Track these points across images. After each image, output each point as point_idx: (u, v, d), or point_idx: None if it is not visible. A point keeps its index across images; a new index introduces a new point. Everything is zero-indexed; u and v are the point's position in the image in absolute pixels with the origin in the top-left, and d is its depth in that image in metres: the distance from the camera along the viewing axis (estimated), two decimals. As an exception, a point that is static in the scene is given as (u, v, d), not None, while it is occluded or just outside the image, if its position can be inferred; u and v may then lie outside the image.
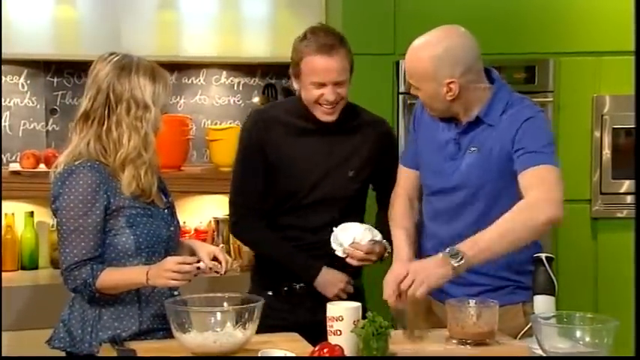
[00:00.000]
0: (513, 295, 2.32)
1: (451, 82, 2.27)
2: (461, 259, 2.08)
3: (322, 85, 2.48)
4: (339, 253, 2.46)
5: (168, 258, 2.17)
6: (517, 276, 2.34)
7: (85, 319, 2.24)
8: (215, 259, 2.28)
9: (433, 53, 2.27)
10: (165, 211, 2.32)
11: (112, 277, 2.18)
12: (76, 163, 2.20)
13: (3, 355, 3.01)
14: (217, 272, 2.27)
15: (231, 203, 2.63)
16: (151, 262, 2.23)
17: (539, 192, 2.17)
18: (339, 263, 2.48)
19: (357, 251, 2.45)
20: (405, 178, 2.49)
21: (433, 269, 2.10)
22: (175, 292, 2.27)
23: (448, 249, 2.10)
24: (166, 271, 2.13)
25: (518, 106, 2.34)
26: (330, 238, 2.45)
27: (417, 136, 2.46)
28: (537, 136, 2.28)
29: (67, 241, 2.19)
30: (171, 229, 2.32)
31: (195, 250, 2.34)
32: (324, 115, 2.52)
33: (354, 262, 2.46)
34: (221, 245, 3.34)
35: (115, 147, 2.22)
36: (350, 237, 2.45)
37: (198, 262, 2.18)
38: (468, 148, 2.32)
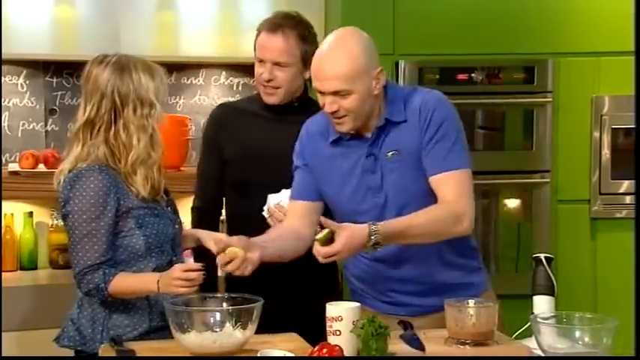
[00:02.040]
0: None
1: (379, 72, 2.21)
2: (377, 244, 2.10)
3: (261, 61, 2.50)
4: (265, 213, 2.47)
5: (176, 266, 2.16)
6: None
7: (95, 319, 2.24)
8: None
9: (361, 44, 2.19)
10: (168, 208, 2.33)
11: (124, 284, 2.18)
12: (84, 166, 2.20)
13: (3, 355, 3.01)
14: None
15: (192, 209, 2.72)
16: (160, 261, 2.24)
17: (462, 206, 2.19)
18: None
19: (277, 212, 2.43)
20: (299, 212, 2.32)
21: (353, 252, 2.13)
22: None
23: (374, 234, 2.09)
24: (174, 280, 2.13)
25: (417, 95, 2.28)
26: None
27: (313, 167, 2.32)
28: (446, 132, 2.23)
29: (80, 245, 2.18)
30: (176, 226, 2.33)
31: (202, 240, 2.34)
32: (265, 95, 2.55)
33: (272, 223, 2.44)
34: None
35: (125, 150, 2.21)
36: (277, 199, 2.46)
37: (204, 266, 2.16)
38: (385, 154, 2.25)
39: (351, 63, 2.16)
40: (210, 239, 2.29)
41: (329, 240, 2.08)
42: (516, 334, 2.24)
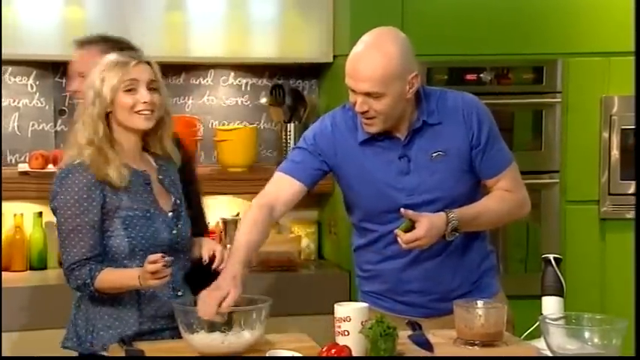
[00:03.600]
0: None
1: (414, 77, 2.20)
2: (455, 229, 2.18)
3: None
4: None
5: (148, 257, 2.15)
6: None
7: (88, 319, 2.26)
8: (214, 255, 2.30)
9: (398, 47, 2.17)
10: (170, 214, 2.31)
11: (108, 278, 2.19)
12: (75, 163, 2.22)
13: (3, 355, 3.02)
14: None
15: None
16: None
17: (521, 193, 2.36)
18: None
19: None
20: (285, 188, 2.29)
21: (435, 238, 2.16)
22: (179, 293, 2.28)
23: (452, 221, 2.17)
24: (145, 273, 2.13)
25: (450, 97, 2.30)
26: None
27: (336, 163, 2.30)
28: (492, 134, 2.30)
29: (67, 240, 2.21)
30: (174, 232, 2.29)
31: (201, 246, 2.35)
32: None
33: None
34: (228, 246, 3.34)
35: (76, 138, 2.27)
36: None
37: (164, 257, 2.12)
38: (428, 155, 2.25)
39: (386, 66, 2.15)
40: (206, 247, 2.33)
41: (410, 229, 2.13)
42: (525, 334, 2.23)
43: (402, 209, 2.15)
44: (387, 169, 2.27)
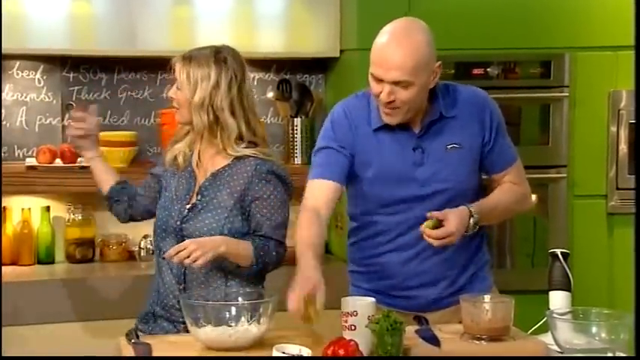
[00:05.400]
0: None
1: (438, 66, 2.22)
2: (477, 223, 2.21)
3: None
4: None
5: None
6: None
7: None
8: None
9: (425, 36, 2.19)
10: (188, 205, 2.36)
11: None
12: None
13: (3, 355, 3.03)
14: None
15: None
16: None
17: (525, 187, 2.41)
18: None
19: None
20: (322, 191, 2.26)
21: (462, 233, 2.19)
22: (180, 287, 2.31)
23: (474, 215, 2.20)
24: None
25: (463, 91, 2.33)
26: None
27: (355, 152, 2.29)
28: (501, 129, 2.34)
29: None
30: (177, 222, 2.35)
31: None
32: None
33: None
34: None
35: None
36: None
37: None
38: (443, 147, 2.27)
39: (416, 54, 2.16)
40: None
41: (437, 226, 2.15)
42: (532, 329, 2.23)
43: (427, 213, 2.17)
44: (401, 159, 2.28)
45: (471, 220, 2.20)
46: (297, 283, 2.02)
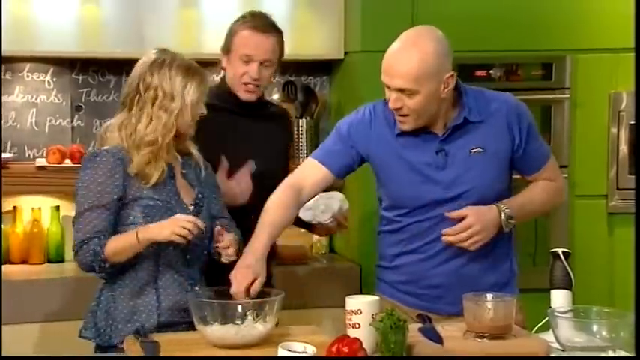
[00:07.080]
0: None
1: (450, 77, 2.22)
2: (510, 218, 2.26)
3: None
4: (323, 219, 2.65)
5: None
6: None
7: (108, 313, 2.30)
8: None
9: (434, 46, 2.19)
10: (191, 207, 2.35)
11: (115, 243, 2.23)
12: (103, 148, 2.29)
13: (3, 355, 3.06)
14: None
15: None
16: (163, 252, 2.28)
17: (560, 181, 2.47)
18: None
19: (343, 221, 2.66)
20: (313, 173, 2.34)
21: (492, 229, 2.23)
22: (196, 287, 2.31)
23: (504, 210, 2.24)
24: (176, 220, 2.19)
25: (491, 97, 2.34)
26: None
27: (373, 155, 2.33)
28: (534, 133, 2.36)
29: (80, 218, 2.26)
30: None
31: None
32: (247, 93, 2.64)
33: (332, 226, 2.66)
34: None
35: (133, 130, 2.29)
36: (337, 206, 2.64)
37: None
38: (467, 150, 2.28)
39: (421, 64, 2.17)
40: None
41: None
42: (535, 328, 2.25)
43: (445, 213, 2.21)
44: (424, 163, 2.29)
45: (503, 216, 2.23)
46: (239, 268, 2.16)
